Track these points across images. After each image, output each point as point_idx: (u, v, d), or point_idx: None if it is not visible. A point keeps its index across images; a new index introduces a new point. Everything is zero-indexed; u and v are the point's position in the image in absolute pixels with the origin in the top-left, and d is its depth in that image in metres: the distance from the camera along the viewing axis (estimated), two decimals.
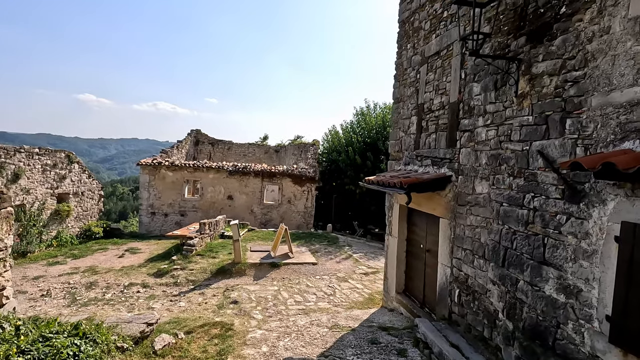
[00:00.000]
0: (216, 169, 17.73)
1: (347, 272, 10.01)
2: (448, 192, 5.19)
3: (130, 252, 11.96)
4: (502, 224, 4.00)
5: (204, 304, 7.50)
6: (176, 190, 17.75)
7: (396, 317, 6.43)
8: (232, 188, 17.93)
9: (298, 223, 18.02)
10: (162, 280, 9.12)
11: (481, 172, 4.47)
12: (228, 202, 17.95)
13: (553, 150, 3.32)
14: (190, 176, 17.84)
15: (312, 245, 12.65)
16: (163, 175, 17.67)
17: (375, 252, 12.76)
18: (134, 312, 7.06)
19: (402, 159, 6.84)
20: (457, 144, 5.07)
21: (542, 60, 3.50)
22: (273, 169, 18.01)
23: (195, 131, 23.67)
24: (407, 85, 6.81)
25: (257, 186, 18.04)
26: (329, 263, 10.75)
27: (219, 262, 10.13)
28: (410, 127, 6.55)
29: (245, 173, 17.86)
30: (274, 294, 8.07)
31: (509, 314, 3.81)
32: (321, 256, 11.37)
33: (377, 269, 10.46)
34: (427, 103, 6.00)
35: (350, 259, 11.38)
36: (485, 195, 4.37)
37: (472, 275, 4.56)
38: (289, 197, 18.16)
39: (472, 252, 4.60)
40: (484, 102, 4.48)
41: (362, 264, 10.88)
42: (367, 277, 9.72)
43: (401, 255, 6.85)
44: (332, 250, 12.17)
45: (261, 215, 18.08)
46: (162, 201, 17.70)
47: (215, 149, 23.94)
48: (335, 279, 9.36)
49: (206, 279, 9.20)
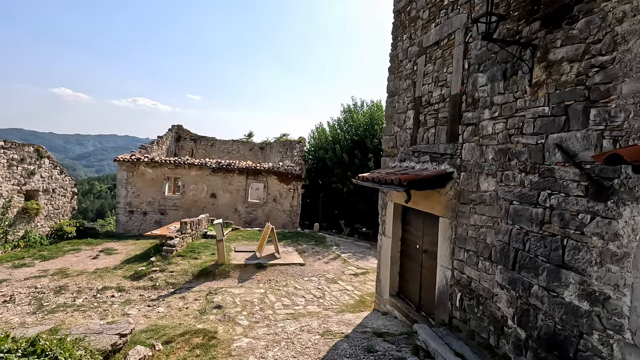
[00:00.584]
0: (198, 166, 17.07)
1: (336, 273, 9.66)
2: (449, 190, 4.89)
3: (105, 253, 11.24)
4: (512, 224, 3.71)
5: (184, 309, 6.99)
6: (156, 188, 16.99)
7: (390, 321, 6.11)
8: (215, 186, 17.30)
9: (284, 222, 17.56)
10: (139, 283, 8.52)
11: (487, 168, 4.17)
12: (211, 201, 17.31)
13: (574, 143, 3.03)
14: (171, 173, 17.11)
15: (299, 245, 12.24)
16: (142, 172, 16.87)
17: (364, 252, 12.47)
18: (107, 319, 6.49)
19: (397, 155, 6.52)
20: (459, 138, 4.77)
21: (561, 45, 3.21)
22: (258, 166, 17.49)
23: (176, 127, 22.82)
24: (402, 78, 6.49)
25: (242, 184, 17.48)
26: (317, 263, 10.37)
27: (201, 263, 9.59)
28: (407, 121, 6.24)
29: (229, 170, 17.26)
30: (261, 297, 7.63)
31: (520, 321, 3.52)
32: (309, 256, 10.98)
33: (367, 270, 10.16)
34: (425, 96, 5.69)
35: (338, 259, 11.03)
36: (491, 192, 4.08)
37: (476, 279, 4.27)
38: (274, 195, 17.68)
39: (476, 253, 4.31)
40: (490, 93, 4.19)
41: (351, 265, 10.55)
42: (357, 278, 9.39)
43: (395, 256, 6.54)
44: (320, 250, 11.80)
45: (246, 214, 17.53)
46: (140, 199, 16.90)
47: (197, 145, 23.16)
48: (324, 281, 8.99)
49: (187, 281, 8.66)
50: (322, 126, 20.67)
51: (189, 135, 23.26)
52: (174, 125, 22.83)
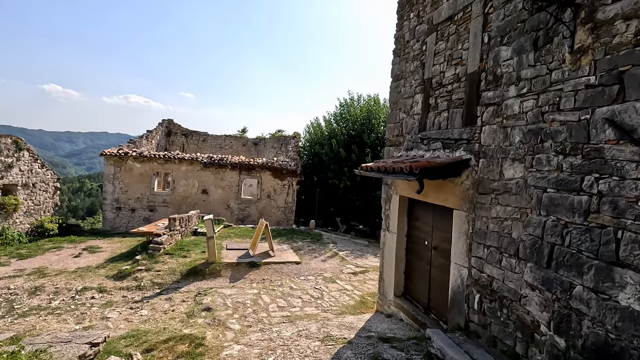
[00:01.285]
0: (189, 161, 16.41)
1: (334, 272, 9.13)
2: (465, 179, 4.38)
3: (88, 251, 10.57)
4: (547, 215, 3.20)
5: (170, 311, 6.40)
6: (145, 184, 16.29)
7: (396, 324, 5.60)
8: (206, 181, 16.66)
9: (278, 219, 16.99)
10: (122, 283, 7.90)
11: (513, 152, 3.66)
12: (202, 197, 16.67)
13: (632, 116, 2.52)
14: (160, 168, 16.42)
15: (295, 243, 11.69)
16: (130, 167, 16.17)
17: (362, 250, 11.97)
18: (84, 323, 5.88)
19: (402, 144, 6.00)
20: (477, 121, 4.26)
21: (613, 1, 2.70)
22: (251, 161, 16.88)
23: (167, 121, 22.09)
24: (409, 60, 5.96)
25: (234, 180, 16.86)
26: (314, 262, 9.83)
27: (190, 261, 8.99)
28: (414, 106, 5.71)
29: (221, 165, 16.63)
30: (254, 298, 7.06)
31: (558, 327, 3.02)
32: (305, 254, 10.43)
33: (366, 268, 9.65)
34: (436, 77, 5.17)
35: (336, 257, 10.51)
36: (518, 180, 3.57)
37: (499, 278, 3.77)
38: (268, 191, 17.09)
39: (498, 249, 3.80)
40: (517, 67, 3.68)
41: (349, 263, 10.03)
42: (356, 277, 8.87)
43: (401, 253, 6.02)
44: (317, 248, 11.26)
45: (238, 211, 16.92)
46: (128, 195, 16.20)
47: (189, 140, 22.45)
48: (321, 280, 8.45)
49: (175, 281, 8.06)
50: (317, 121, 20.11)
51: (180, 130, 22.54)
52: (164, 120, 22.09)
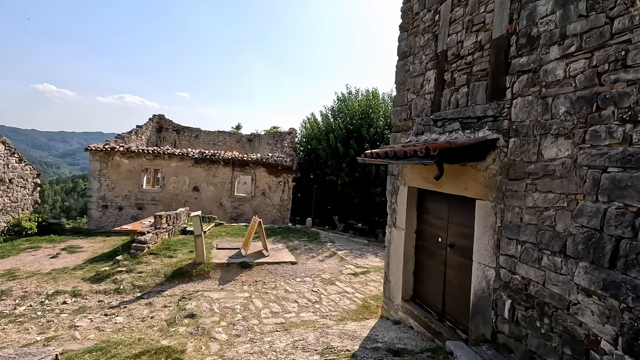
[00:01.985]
0: (180, 157, 15.64)
1: (333, 273, 8.43)
2: (491, 164, 3.70)
3: (68, 251, 9.79)
4: (608, 201, 2.53)
5: (149, 318, 5.66)
6: (133, 180, 15.50)
7: (405, 332, 4.91)
8: (198, 178, 15.90)
9: (273, 217, 16.27)
10: (100, 286, 7.15)
11: (556, 127, 2.99)
12: (193, 194, 15.91)
13: None
14: (149, 164, 15.64)
15: (290, 242, 10.98)
16: (117, 163, 15.37)
17: (362, 249, 11.29)
18: (48, 333, 5.14)
19: (411, 129, 5.31)
20: (505, 93, 3.58)
21: None
22: (245, 157, 16.14)
23: (157, 116, 21.27)
24: (419, 33, 5.28)
25: (227, 176, 16.12)
26: (311, 262, 9.13)
27: (176, 262, 8.25)
28: (425, 84, 5.03)
29: (213, 161, 15.88)
30: (244, 302, 6.35)
31: (630, 346, 2.34)
32: (301, 254, 9.73)
33: (367, 269, 8.96)
34: (452, 48, 4.49)
35: (334, 257, 9.81)
36: (564, 160, 2.90)
37: (538, 280, 3.09)
38: (263, 188, 16.36)
39: (537, 246, 3.13)
40: (560, 22, 3.00)
41: (348, 263, 9.34)
42: (356, 279, 8.18)
43: (409, 252, 5.33)
44: (314, 247, 10.56)
45: (232, 209, 16.18)
46: (115, 192, 15.40)
47: (180, 136, 21.64)
48: (319, 282, 7.75)
49: (158, 284, 7.32)
50: (314, 116, 19.40)
51: (172, 126, 21.73)
52: (155, 115, 21.27)
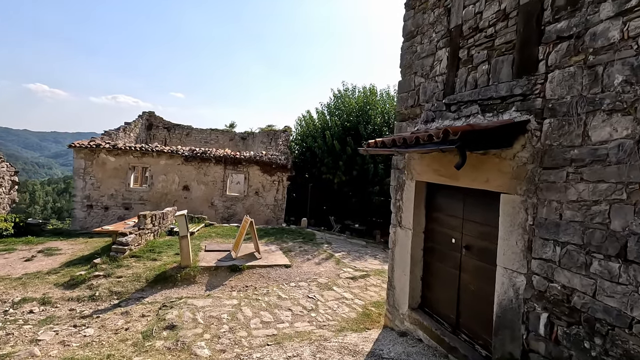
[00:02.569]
0: (169, 154, 14.96)
1: (330, 277, 7.83)
2: (519, 150, 3.13)
3: (45, 253, 9.07)
4: None
5: (123, 330, 5.01)
6: (119, 179, 14.79)
7: (414, 346, 4.32)
8: (188, 177, 15.22)
9: (267, 218, 15.63)
10: (73, 292, 6.49)
11: (609, 101, 2.43)
12: (183, 194, 15.23)
13: None
14: (137, 162, 14.94)
15: (285, 243, 10.36)
16: (103, 161, 14.66)
17: (360, 251, 10.70)
18: (5, 349, 4.47)
19: (419, 116, 4.74)
20: (537, 67, 3.01)
21: None
22: (238, 155, 15.49)
23: (147, 113, 20.55)
24: (427, 9, 4.71)
25: (219, 175, 15.46)
26: (306, 265, 8.51)
27: (160, 265, 7.60)
28: (436, 66, 4.46)
29: (204, 159, 15.21)
30: (233, 311, 5.72)
31: None
32: (296, 256, 9.11)
33: (367, 272, 8.37)
34: (468, 22, 3.92)
35: (331, 259, 9.21)
36: (622, 141, 2.33)
37: (586, 291, 2.52)
38: (256, 188, 15.73)
39: (583, 248, 2.56)
40: None
41: (346, 266, 8.74)
42: (355, 283, 7.58)
43: (417, 254, 4.75)
44: (309, 249, 9.95)
45: (223, 209, 15.52)
46: (101, 192, 14.69)
47: (171, 134, 20.93)
48: (315, 287, 7.14)
49: (138, 289, 6.67)
50: (309, 114, 18.81)
51: (162, 124, 21.01)
52: (144, 112, 20.54)
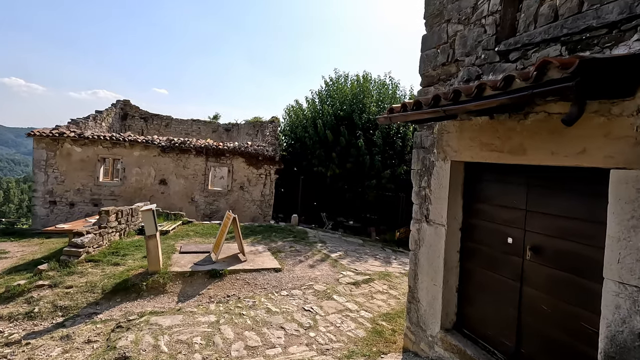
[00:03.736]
0: (144, 145, 13.47)
1: (328, 282, 6.65)
2: None
3: None
4: None
5: None
6: (87, 172, 13.24)
7: None
8: (165, 170, 13.78)
9: (253, 214, 14.34)
10: (6, 308, 5.11)
11: None
12: (160, 188, 13.77)
13: None
14: (107, 153, 13.40)
15: (273, 243, 9.11)
16: (68, 152, 13.08)
17: (358, 251, 9.56)
18: None
19: (455, 75, 3.58)
20: None
21: None
22: (221, 145, 14.12)
23: (122, 102, 18.88)
24: None
25: (200, 168, 14.06)
26: (300, 268, 7.31)
27: (122, 272, 6.26)
28: (482, 4, 3.30)
29: (183, 150, 13.79)
30: (209, 332, 4.47)
31: None
32: (287, 258, 7.89)
33: (369, 275, 7.23)
34: None
35: (327, 261, 8.03)
36: None
37: None
38: (241, 182, 14.40)
39: None
40: None
41: (345, 269, 7.58)
42: (358, 290, 6.42)
43: (452, 258, 3.61)
44: (302, 249, 8.74)
45: (205, 206, 14.14)
46: (66, 186, 13.11)
47: (149, 125, 19.31)
48: (312, 296, 5.94)
49: (92, 303, 5.33)
50: (298, 103, 17.52)
51: (139, 113, 19.37)
52: (119, 101, 18.87)
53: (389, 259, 9.07)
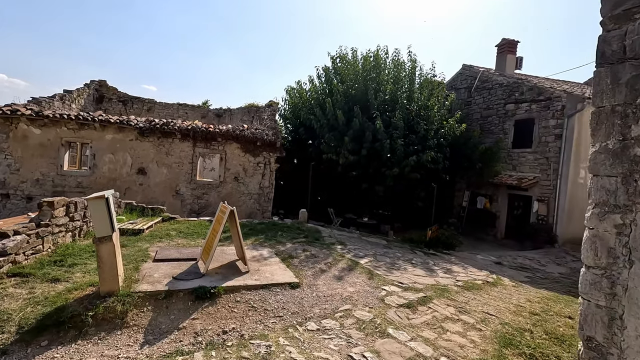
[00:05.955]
0: (118, 126, 11.19)
1: (371, 304, 4.58)
2: None
3: None
4: None
5: None
6: (48, 159, 10.92)
7: None
8: (144, 157, 11.52)
9: (250, 210, 12.19)
10: None
11: None
12: (138, 179, 11.51)
13: None
14: (73, 136, 11.08)
15: (281, 245, 7.01)
16: (24, 133, 10.74)
17: (387, 254, 7.51)
18: None
19: None
20: None
21: None
22: (212, 128, 11.91)
23: (97, 82, 16.46)
24: None
25: (187, 154, 11.84)
26: (324, 281, 5.22)
27: (60, 293, 4.08)
28: None
29: (166, 133, 11.55)
30: None
31: None
32: (302, 266, 5.80)
33: (421, 290, 5.19)
34: None
35: (357, 269, 5.97)
36: None
37: None
38: (236, 172, 12.22)
39: None
40: None
41: (385, 281, 5.52)
42: (418, 316, 4.36)
43: None
44: (318, 254, 6.65)
45: (193, 199, 11.93)
46: (22, 176, 10.78)
47: (128, 109, 16.92)
48: (356, 330, 3.85)
49: None
50: (300, 84, 15.37)
51: (117, 96, 16.97)
52: (93, 81, 16.43)
53: (428, 266, 7.05)
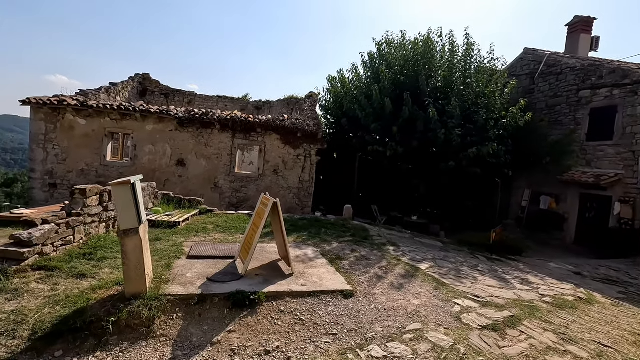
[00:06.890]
0: (158, 116, 10.98)
1: (446, 323, 3.67)
2: None
3: None
4: None
5: None
6: (92, 149, 10.95)
7: None
8: (183, 148, 11.24)
9: (289, 205, 11.56)
10: None
11: None
12: (177, 171, 11.27)
13: None
14: (115, 127, 11.03)
15: (326, 244, 6.24)
16: (70, 124, 10.82)
17: (447, 258, 6.51)
18: None
19: None
20: None
21: None
22: (251, 118, 11.39)
23: (140, 76, 16.65)
24: None
25: (225, 146, 11.42)
26: (382, 290, 4.38)
27: (83, 292, 3.57)
28: None
29: (205, 124, 11.19)
30: None
31: None
32: (353, 270, 4.99)
33: (502, 306, 4.18)
34: None
35: (418, 276, 5.05)
36: None
37: None
38: (275, 164, 11.64)
39: None
40: None
41: (457, 293, 4.56)
42: (509, 345, 3.39)
43: None
44: (369, 255, 5.81)
45: (231, 192, 11.50)
46: (68, 166, 10.88)
47: (169, 102, 16.99)
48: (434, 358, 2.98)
49: None
50: (342, 73, 14.48)
51: (159, 89, 17.09)
52: (137, 74, 16.64)
53: (498, 274, 5.97)
